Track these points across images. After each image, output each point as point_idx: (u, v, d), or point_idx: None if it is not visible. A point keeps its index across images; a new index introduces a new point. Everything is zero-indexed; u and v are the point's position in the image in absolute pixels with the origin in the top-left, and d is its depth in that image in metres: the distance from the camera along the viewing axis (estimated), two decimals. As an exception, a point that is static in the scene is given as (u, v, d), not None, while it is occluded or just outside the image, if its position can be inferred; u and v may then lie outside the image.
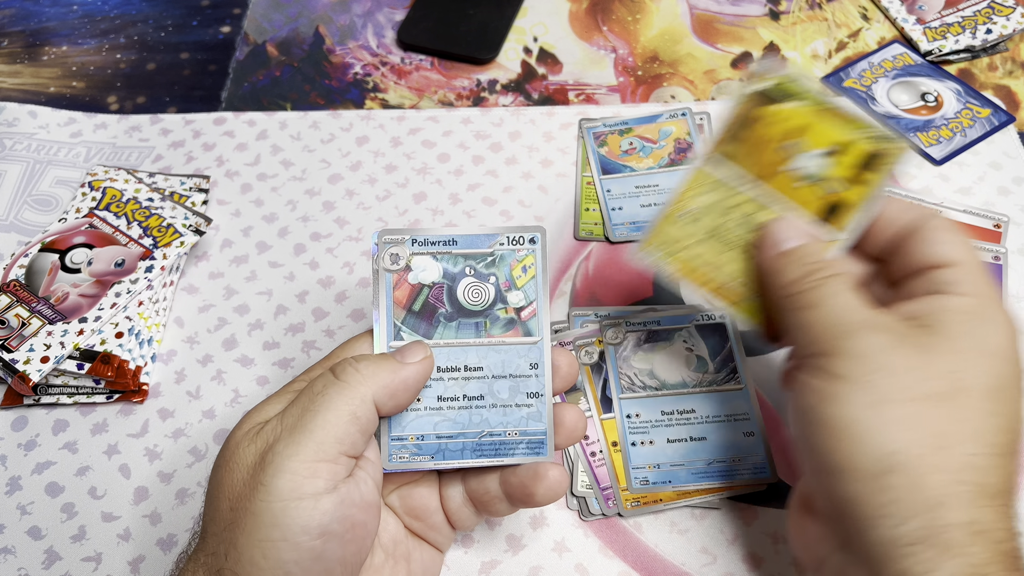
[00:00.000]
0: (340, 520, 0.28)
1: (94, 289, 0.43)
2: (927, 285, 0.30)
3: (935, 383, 0.27)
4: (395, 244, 0.33)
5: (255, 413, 0.31)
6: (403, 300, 0.33)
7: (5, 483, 0.41)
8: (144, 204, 0.47)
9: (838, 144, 0.32)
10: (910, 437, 0.26)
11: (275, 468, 0.28)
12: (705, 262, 0.33)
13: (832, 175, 0.32)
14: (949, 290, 0.29)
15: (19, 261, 0.45)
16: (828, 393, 0.28)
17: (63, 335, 0.41)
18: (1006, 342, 0.28)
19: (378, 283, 0.33)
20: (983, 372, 0.27)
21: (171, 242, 0.46)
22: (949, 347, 0.28)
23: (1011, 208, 0.49)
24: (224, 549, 0.28)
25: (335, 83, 0.58)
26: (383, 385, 0.30)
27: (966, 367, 0.27)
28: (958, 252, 0.30)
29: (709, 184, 0.33)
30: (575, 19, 0.61)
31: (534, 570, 0.38)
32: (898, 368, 0.27)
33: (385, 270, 0.33)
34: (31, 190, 0.51)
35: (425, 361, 0.32)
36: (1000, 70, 0.56)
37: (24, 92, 0.58)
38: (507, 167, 0.52)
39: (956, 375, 0.27)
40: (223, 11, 0.63)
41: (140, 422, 0.43)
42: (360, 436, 0.29)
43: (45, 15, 0.63)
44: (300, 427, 0.28)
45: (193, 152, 0.54)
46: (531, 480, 0.32)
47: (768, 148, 0.32)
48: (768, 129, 0.32)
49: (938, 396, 0.27)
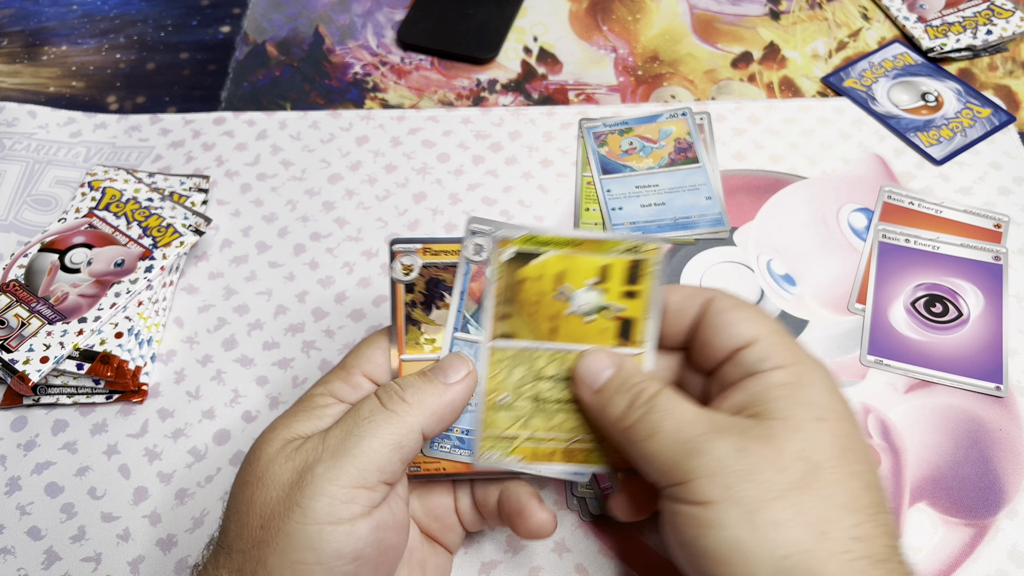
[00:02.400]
0: (374, 544, 0.28)
1: (94, 289, 0.43)
2: (739, 369, 0.30)
3: (791, 472, 0.27)
4: (482, 235, 0.32)
5: (283, 429, 0.30)
6: (477, 293, 0.32)
7: (5, 483, 0.41)
8: (144, 204, 0.47)
9: (599, 271, 0.32)
10: (792, 535, 0.26)
11: (314, 490, 0.27)
12: (543, 434, 0.33)
13: (608, 300, 0.32)
14: (761, 368, 0.29)
15: (19, 261, 0.45)
16: (702, 520, 0.27)
17: (63, 335, 0.41)
18: (830, 398, 0.28)
19: (458, 271, 0.32)
20: (826, 440, 0.27)
21: (171, 242, 0.46)
22: (786, 428, 0.27)
23: (1011, 208, 0.49)
24: (252, 568, 0.27)
25: (335, 83, 0.58)
26: (431, 413, 0.30)
27: (810, 443, 0.27)
28: (753, 328, 0.30)
29: (508, 361, 0.33)
30: (575, 19, 0.61)
31: (534, 570, 0.38)
32: (753, 470, 0.27)
33: (467, 259, 0.32)
34: (31, 190, 0.51)
35: (469, 378, 0.31)
36: (1000, 70, 0.56)
37: (24, 92, 0.58)
38: (507, 167, 0.52)
39: (805, 454, 0.27)
40: (223, 11, 0.63)
41: (140, 422, 0.43)
42: (401, 465, 0.29)
43: (45, 15, 0.63)
44: (343, 451, 0.28)
45: (193, 152, 0.54)
46: (518, 513, 0.32)
47: (544, 301, 0.32)
48: (537, 285, 0.32)
49: (799, 483, 0.26)
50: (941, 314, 0.44)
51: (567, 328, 0.32)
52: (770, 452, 0.27)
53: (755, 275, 0.47)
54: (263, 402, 0.43)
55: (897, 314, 0.45)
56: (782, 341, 0.30)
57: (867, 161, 0.51)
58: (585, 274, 0.32)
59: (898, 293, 0.45)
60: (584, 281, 0.32)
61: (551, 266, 0.32)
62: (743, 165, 0.51)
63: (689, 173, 0.50)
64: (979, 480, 0.39)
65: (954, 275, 0.46)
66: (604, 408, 0.31)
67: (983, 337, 0.43)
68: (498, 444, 0.33)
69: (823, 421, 0.28)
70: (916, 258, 0.46)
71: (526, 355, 0.33)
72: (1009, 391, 0.42)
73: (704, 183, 0.50)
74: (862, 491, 0.27)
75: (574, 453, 0.33)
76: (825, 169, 0.51)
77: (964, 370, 0.42)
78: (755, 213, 0.49)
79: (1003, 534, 0.38)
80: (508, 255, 0.32)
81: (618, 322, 0.32)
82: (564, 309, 0.32)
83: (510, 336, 0.32)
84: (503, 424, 0.33)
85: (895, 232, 0.47)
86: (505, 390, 0.33)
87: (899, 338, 0.44)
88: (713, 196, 0.49)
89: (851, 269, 0.47)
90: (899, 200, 0.49)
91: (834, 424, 0.28)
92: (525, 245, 0.32)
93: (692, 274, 0.47)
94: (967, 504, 0.39)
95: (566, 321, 0.32)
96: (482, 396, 0.33)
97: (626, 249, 0.32)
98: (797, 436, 0.27)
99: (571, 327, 0.32)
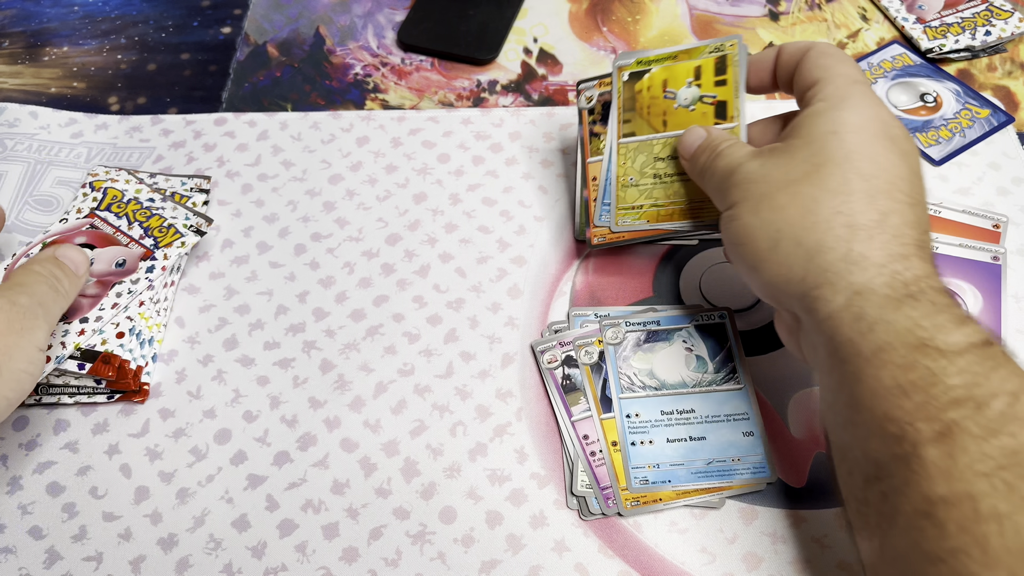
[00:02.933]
0: None
1: (95, 289, 0.44)
2: (803, 104, 0.36)
3: (796, 172, 0.33)
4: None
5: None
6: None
7: (6, 483, 0.41)
8: (145, 205, 0.47)
9: (693, 72, 0.41)
10: (786, 215, 0.33)
11: (35, 325, 0.36)
12: (663, 201, 0.43)
13: (705, 91, 0.41)
14: (813, 102, 0.35)
15: (20, 262, 0.45)
16: (729, 218, 0.35)
17: (64, 335, 0.41)
18: (854, 115, 0.33)
19: (613, 94, 0.44)
20: (834, 147, 0.33)
21: (172, 242, 0.46)
22: (804, 142, 0.34)
23: (1010, 208, 0.49)
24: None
25: (335, 84, 0.58)
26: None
27: (817, 149, 0.33)
28: (822, 71, 0.35)
29: (632, 152, 0.43)
30: (575, 20, 0.62)
31: (534, 570, 0.38)
32: (766, 175, 0.34)
33: (617, 88, 0.43)
34: (32, 191, 0.52)
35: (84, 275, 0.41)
36: (999, 70, 0.56)
37: (25, 93, 0.58)
38: (507, 167, 0.52)
39: (811, 159, 0.33)
40: (224, 12, 0.63)
41: (141, 422, 0.43)
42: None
43: (46, 16, 0.63)
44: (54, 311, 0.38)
45: (194, 153, 0.54)
46: None
47: (657, 103, 0.42)
48: (650, 93, 0.42)
49: (802, 178, 0.33)
50: (940, 314, 0.44)
51: (675, 119, 0.42)
52: (783, 160, 0.34)
53: (754, 275, 0.47)
54: (264, 402, 0.43)
55: (896, 314, 0.45)
56: (840, 82, 0.35)
57: (866, 161, 0.51)
58: (684, 76, 0.42)
59: (897, 293, 0.45)
60: (685, 81, 0.42)
61: (657, 77, 0.42)
62: (742, 166, 0.51)
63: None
64: (978, 479, 0.39)
65: (953, 275, 0.46)
66: (695, 164, 0.39)
67: (982, 337, 0.44)
68: (629, 213, 0.43)
69: (835, 135, 0.33)
70: (915, 258, 0.46)
71: (646, 145, 0.43)
72: (1008, 391, 0.42)
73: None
74: (857, 180, 0.32)
75: (686, 212, 0.42)
76: (824, 169, 0.51)
77: (963, 370, 0.42)
78: (754, 213, 0.49)
79: (1002, 533, 0.38)
80: (625, 77, 0.43)
81: (714, 106, 0.41)
82: (672, 105, 0.42)
83: (632, 134, 0.43)
84: (632, 198, 0.43)
85: (894, 232, 0.48)
86: (632, 174, 0.43)
87: (898, 338, 0.44)
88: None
89: (850, 269, 0.47)
90: (898, 200, 0.49)
91: (845, 136, 0.33)
92: (636, 67, 0.43)
93: (692, 274, 0.47)
94: (966, 503, 0.39)
95: (674, 114, 0.42)
96: (615, 180, 0.44)
97: (712, 50, 0.41)
98: (810, 146, 0.33)
99: (678, 117, 0.42)
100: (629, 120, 0.43)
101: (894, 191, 0.32)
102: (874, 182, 0.32)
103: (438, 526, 0.39)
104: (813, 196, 0.32)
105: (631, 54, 0.43)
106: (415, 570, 0.38)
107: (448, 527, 0.39)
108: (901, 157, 0.33)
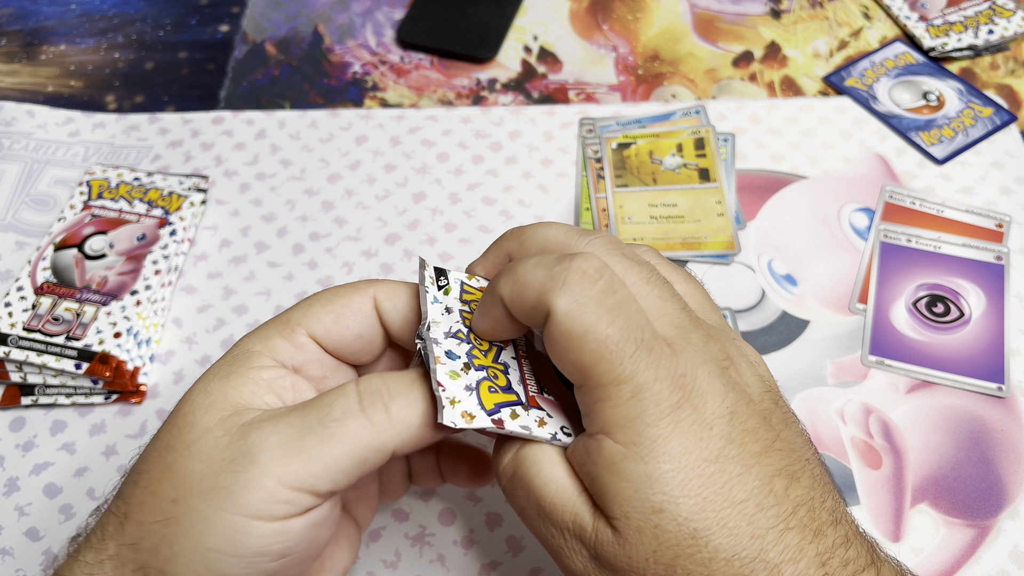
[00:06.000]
0: (307, 543, 0.25)
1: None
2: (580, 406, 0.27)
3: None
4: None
5: (219, 395, 0.25)
6: None
7: (3, 484, 0.41)
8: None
9: (675, 146, 0.51)
10: None
11: (250, 479, 0.23)
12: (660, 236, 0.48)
13: (687, 160, 0.50)
14: (588, 427, 0.26)
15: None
16: None
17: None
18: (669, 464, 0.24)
19: None
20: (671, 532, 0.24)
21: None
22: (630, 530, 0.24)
23: (1013, 208, 0.48)
24: (152, 544, 0.23)
25: (334, 82, 0.58)
26: (412, 435, 0.25)
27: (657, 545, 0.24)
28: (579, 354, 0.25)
29: (629, 197, 0.50)
30: (575, 18, 0.61)
31: (534, 572, 0.37)
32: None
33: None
34: (29, 189, 0.51)
35: None
36: (1002, 69, 0.56)
37: (22, 91, 0.58)
38: (507, 166, 0.52)
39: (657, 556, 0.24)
40: (222, 10, 0.63)
41: (138, 423, 0.42)
42: (357, 478, 0.25)
43: (43, 14, 0.63)
44: (299, 449, 0.24)
45: (191, 151, 0.53)
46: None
47: (646, 166, 0.50)
48: (638, 159, 0.51)
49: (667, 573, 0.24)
50: (943, 314, 0.44)
51: (663, 178, 0.49)
52: (631, 565, 0.24)
53: (756, 275, 0.46)
54: (262, 402, 0.43)
55: (899, 314, 0.44)
56: (611, 370, 0.23)
57: (868, 161, 0.51)
58: (668, 149, 0.51)
59: (899, 293, 0.45)
60: (669, 152, 0.51)
61: (643, 148, 0.51)
62: (744, 165, 0.51)
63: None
64: (981, 481, 0.39)
65: (956, 275, 0.45)
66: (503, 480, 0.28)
67: (985, 337, 0.43)
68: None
69: (661, 513, 0.23)
70: (917, 258, 0.46)
71: (640, 195, 0.49)
72: (1011, 391, 0.42)
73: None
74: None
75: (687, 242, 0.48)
76: (826, 169, 0.51)
77: (966, 370, 0.42)
78: (756, 213, 0.49)
79: (1005, 535, 0.38)
80: (613, 146, 0.51)
81: (697, 171, 0.49)
82: (659, 168, 0.50)
83: (625, 185, 0.50)
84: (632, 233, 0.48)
85: (896, 232, 0.47)
86: (629, 213, 0.48)
87: (900, 338, 0.44)
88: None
89: (852, 269, 0.46)
90: (900, 200, 0.49)
91: (674, 507, 0.23)
92: (623, 140, 0.51)
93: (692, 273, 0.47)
94: (969, 505, 0.38)
95: (662, 175, 0.50)
96: (614, 220, 0.48)
97: (690, 130, 0.51)
98: (643, 540, 0.23)
99: (666, 177, 0.49)
100: (620, 175, 0.50)
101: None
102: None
103: (437, 528, 0.39)
104: None
105: (614, 127, 0.52)
106: (414, 572, 0.38)
107: (447, 529, 0.39)
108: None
